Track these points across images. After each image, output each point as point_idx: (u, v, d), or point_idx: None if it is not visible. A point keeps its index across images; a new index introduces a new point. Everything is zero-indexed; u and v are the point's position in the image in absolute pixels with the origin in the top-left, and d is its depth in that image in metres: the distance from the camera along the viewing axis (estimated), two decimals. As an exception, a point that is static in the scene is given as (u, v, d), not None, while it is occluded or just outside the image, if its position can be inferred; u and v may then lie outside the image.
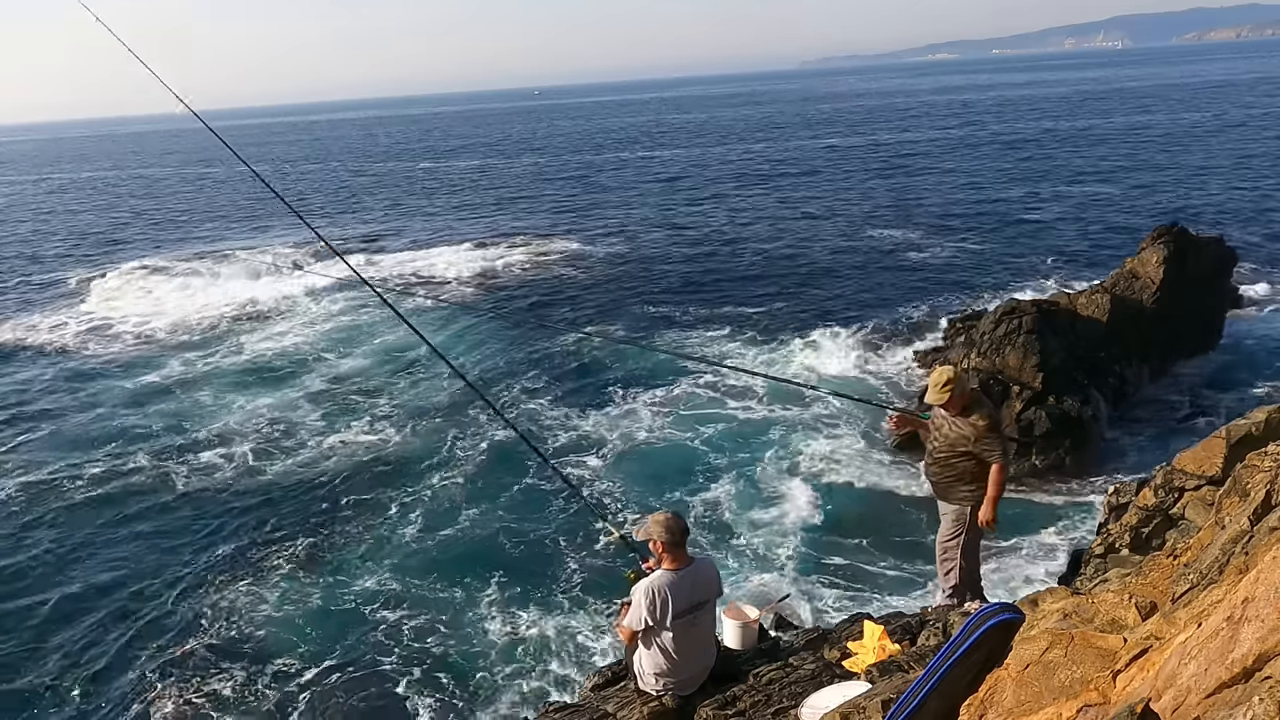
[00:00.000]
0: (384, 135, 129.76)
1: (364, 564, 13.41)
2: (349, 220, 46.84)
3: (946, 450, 6.96)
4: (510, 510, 14.80)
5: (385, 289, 29.57)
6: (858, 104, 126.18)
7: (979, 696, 3.21)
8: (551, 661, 10.94)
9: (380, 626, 11.90)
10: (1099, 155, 52.22)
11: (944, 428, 6.99)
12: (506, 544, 13.73)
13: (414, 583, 12.84)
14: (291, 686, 10.85)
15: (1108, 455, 15.62)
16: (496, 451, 16.85)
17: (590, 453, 16.66)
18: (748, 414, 18.13)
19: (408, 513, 14.89)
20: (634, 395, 19.38)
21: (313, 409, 19.71)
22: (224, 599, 12.64)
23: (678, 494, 15.02)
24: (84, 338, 26.69)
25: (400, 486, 15.82)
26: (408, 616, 12.06)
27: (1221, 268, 20.89)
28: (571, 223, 41.28)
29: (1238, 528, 3.60)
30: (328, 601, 12.49)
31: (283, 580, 13.06)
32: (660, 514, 5.46)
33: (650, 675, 5.52)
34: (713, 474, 15.63)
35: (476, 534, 14.11)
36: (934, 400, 6.91)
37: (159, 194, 66.23)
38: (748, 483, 15.21)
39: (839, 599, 11.84)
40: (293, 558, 13.67)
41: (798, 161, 59.69)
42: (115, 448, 18.09)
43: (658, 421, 17.91)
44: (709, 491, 15.04)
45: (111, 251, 41.63)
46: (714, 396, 19.07)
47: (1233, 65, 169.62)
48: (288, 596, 12.65)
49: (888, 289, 27.04)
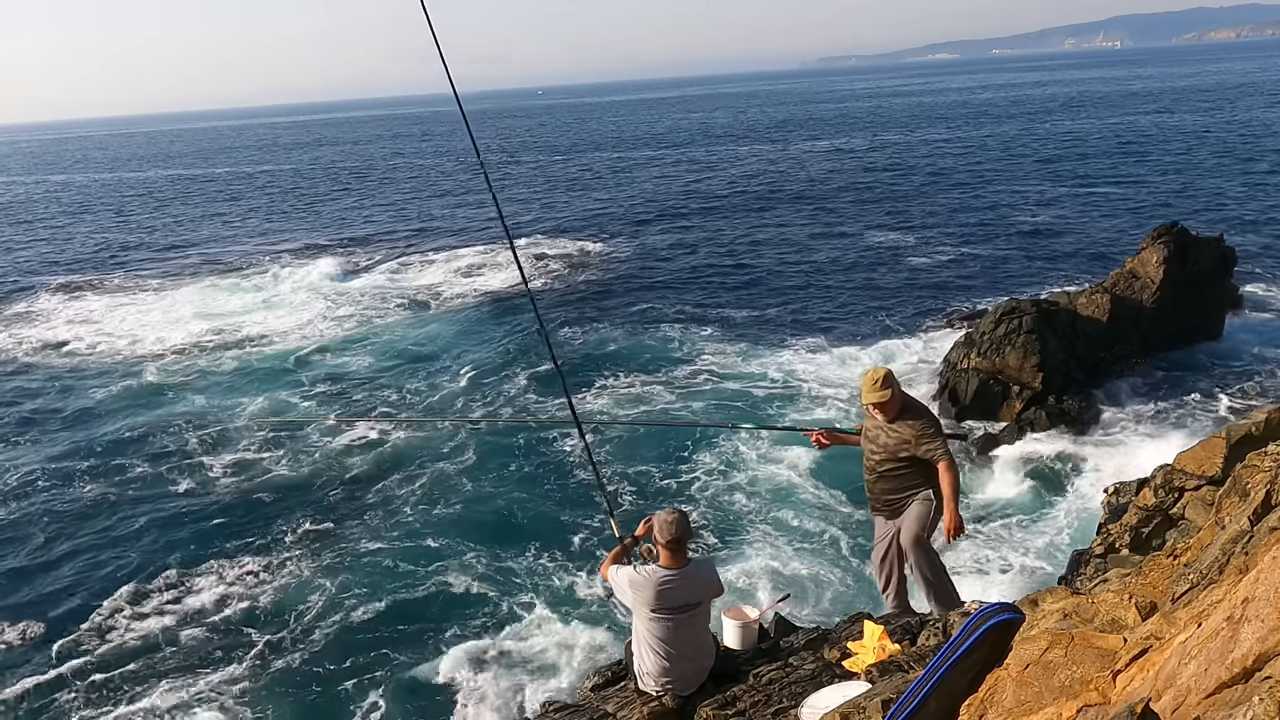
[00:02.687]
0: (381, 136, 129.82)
1: (367, 552, 13.43)
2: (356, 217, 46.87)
3: (890, 462, 6.39)
4: (510, 502, 14.83)
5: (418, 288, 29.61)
6: (857, 104, 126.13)
7: (979, 696, 3.21)
8: (553, 661, 10.96)
9: (380, 617, 11.94)
10: (1099, 155, 52.20)
11: (879, 436, 6.42)
12: (507, 539, 13.75)
13: (416, 571, 12.87)
14: (293, 673, 10.89)
15: (1107, 455, 15.61)
16: (490, 451, 16.87)
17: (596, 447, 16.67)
18: (748, 413, 18.14)
19: (405, 505, 14.91)
20: (635, 389, 19.42)
21: (317, 405, 19.76)
22: (232, 583, 12.67)
23: (676, 493, 15.03)
24: (85, 340, 26.67)
25: (401, 478, 15.86)
26: (407, 609, 12.09)
27: (1221, 268, 20.88)
28: (549, 221, 41.36)
29: (1238, 528, 3.60)
30: (331, 585, 12.50)
31: (281, 569, 13.08)
32: (666, 512, 5.46)
33: (649, 675, 5.52)
34: (714, 474, 15.64)
35: (475, 530, 14.13)
36: (873, 400, 6.31)
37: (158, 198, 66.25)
38: (747, 483, 15.22)
39: (839, 599, 11.84)
40: (293, 546, 13.71)
41: (797, 162, 59.68)
42: (116, 448, 18.10)
43: (656, 415, 17.93)
44: (709, 492, 15.05)
45: (112, 254, 41.67)
46: (714, 391, 19.10)
47: (1235, 65, 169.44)
48: (286, 588, 12.67)
49: (888, 289, 27.04)
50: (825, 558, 12.91)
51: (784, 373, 20.31)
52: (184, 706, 10.54)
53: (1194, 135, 58.76)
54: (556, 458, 16.48)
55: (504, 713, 10.17)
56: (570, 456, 16.42)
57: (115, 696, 10.83)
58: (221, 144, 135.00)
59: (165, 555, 13.91)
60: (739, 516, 14.22)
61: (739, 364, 21.06)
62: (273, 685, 10.88)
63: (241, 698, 10.67)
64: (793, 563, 12.77)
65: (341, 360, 23.17)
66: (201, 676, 11.05)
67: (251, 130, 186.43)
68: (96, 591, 13.05)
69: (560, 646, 11.14)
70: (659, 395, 19.37)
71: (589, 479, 15.42)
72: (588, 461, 6.44)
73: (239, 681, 10.95)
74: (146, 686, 10.92)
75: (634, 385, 19.98)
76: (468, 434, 17.71)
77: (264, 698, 10.67)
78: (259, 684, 10.90)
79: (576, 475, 15.70)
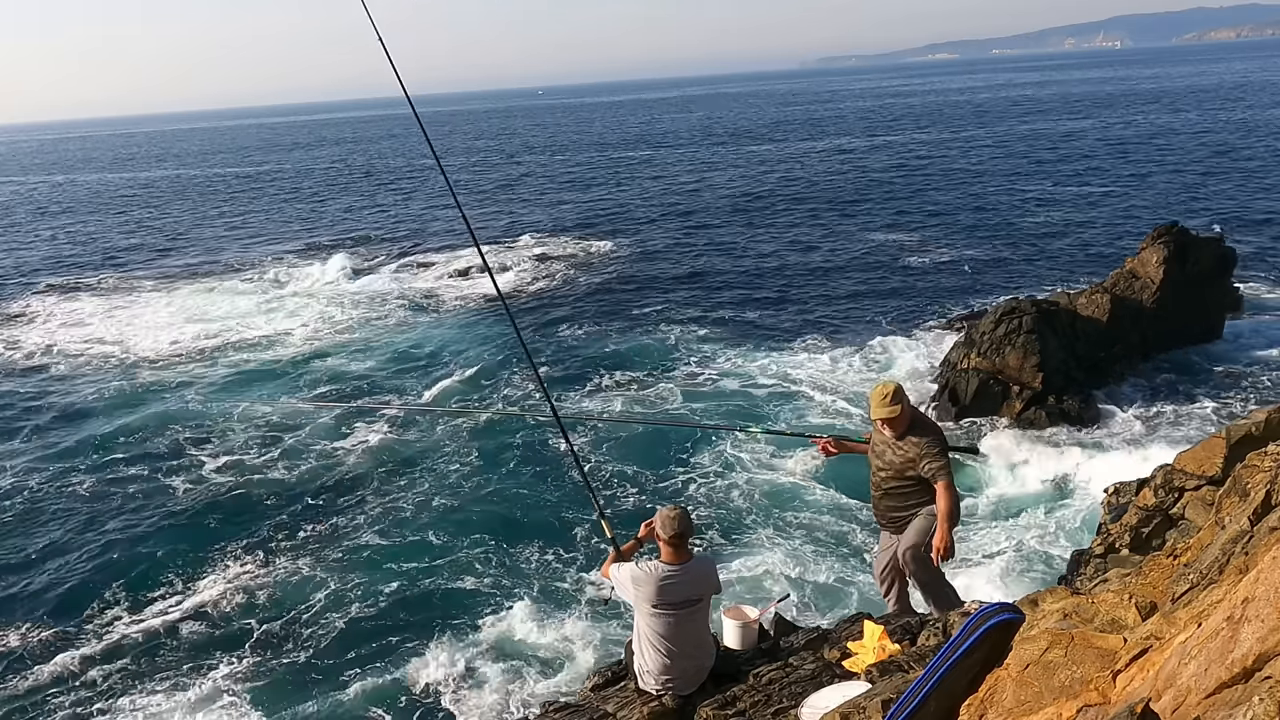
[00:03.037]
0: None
1: (367, 550, 13.44)
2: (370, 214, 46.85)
3: (896, 479, 6.34)
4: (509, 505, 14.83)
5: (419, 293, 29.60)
6: (857, 104, 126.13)
7: (979, 696, 3.21)
8: (551, 661, 10.96)
9: (379, 616, 11.95)
10: (1099, 155, 52.21)
11: (886, 453, 6.36)
12: (505, 542, 13.75)
13: (416, 570, 12.87)
14: (292, 673, 10.89)
15: (1107, 455, 15.61)
16: (485, 454, 16.88)
17: (592, 447, 16.68)
18: (749, 415, 18.15)
19: (405, 504, 14.91)
20: (634, 389, 19.42)
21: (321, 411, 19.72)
22: (231, 581, 12.67)
23: (677, 493, 15.04)
24: (76, 343, 26.64)
25: (400, 479, 15.87)
26: (406, 608, 12.09)
27: (1221, 268, 20.89)
28: (551, 220, 41.37)
29: (1238, 528, 3.60)
30: (331, 585, 12.50)
31: (279, 569, 13.09)
32: (668, 509, 5.49)
33: (650, 673, 5.52)
34: (714, 475, 15.64)
35: (474, 529, 14.13)
36: (882, 415, 6.22)
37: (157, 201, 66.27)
38: (747, 483, 15.22)
39: (839, 599, 11.84)
40: (293, 546, 13.72)
41: (796, 163, 59.68)
42: (112, 448, 18.10)
43: (658, 415, 17.93)
44: (709, 492, 15.05)
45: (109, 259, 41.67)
46: (714, 391, 19.10)
47: (1235, 65, 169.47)
48: (284, 587, 12.67)
49: (888, 289, 27.04)
50: (826, 558, 12.90)
51: (783, 372, 20.31)
52: (184, 705, 10.54)
53: (1194, 135, 58.77)
54: (556, 457, 16.47)
55: (504, 712, 10.17)
56: (569, 456, 16.39)
57: (113, 695, 10.82)
58: (216, 145, 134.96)
59: (162, 555, 13.88)
60: (739, 516, 14.22)
61: (738, 363, 21.06)
62: (272, 684, 10.88)
63: (241, 696, 10.67)
64: (793, 563, 12.77)
65: (338, 363, 23.16)
66: (201, 675, 11.05)
67: (243, 130, 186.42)
68: (93, 592, 13.02)
69: (560, 646, 11.15)
70: (658, 394, 19.37)
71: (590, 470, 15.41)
72: (574, 464, 6.46)
73: (239, 681, 10.94)
74: (145, 686, 10.92)
75: (633, 385, 19.98)
76: (467, 434, 17.71)
77: (263, 696, 10.66)
78: (259, 684, 10.89)
79: (576, 474, 15.67)
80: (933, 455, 6.16)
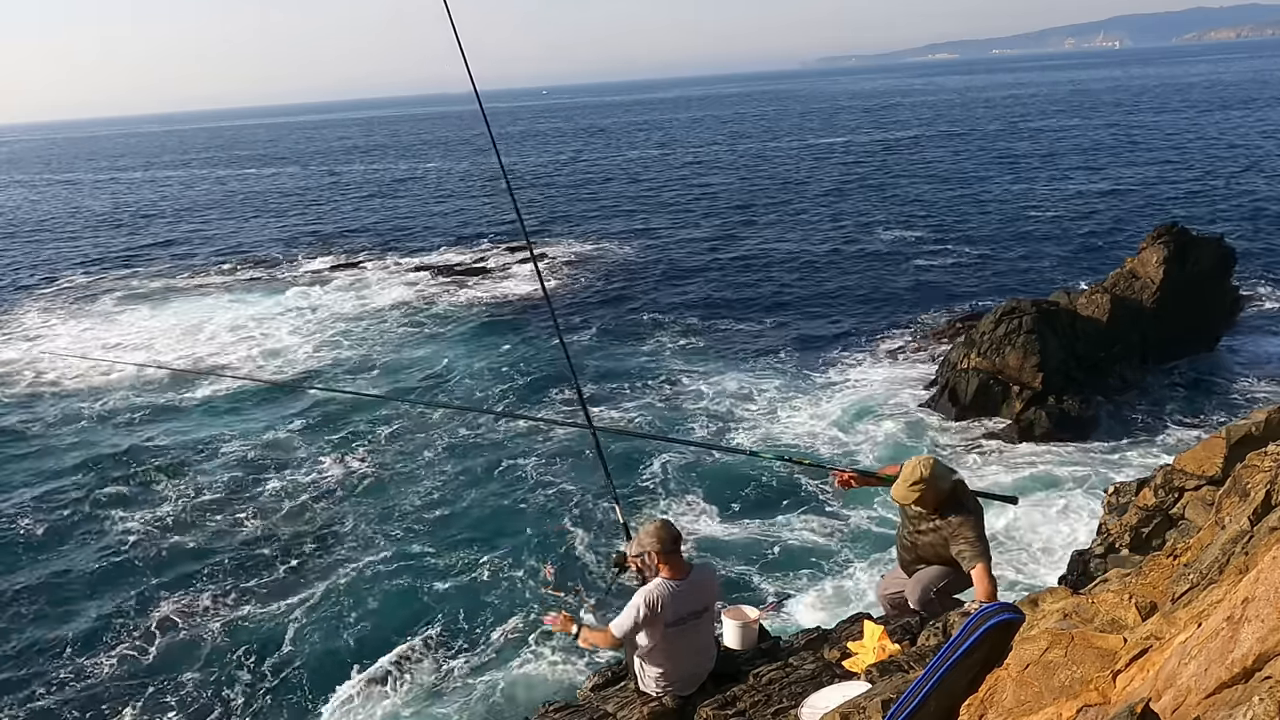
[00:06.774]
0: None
1: (367, 548, 13.44)
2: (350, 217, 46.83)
3: (933, 554, 5.93)
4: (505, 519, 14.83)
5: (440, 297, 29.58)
6: (856, 104, 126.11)
7: (979, 696, 3.21)
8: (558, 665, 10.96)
9: (379, 616, 11.95)
10: (1099, 155, 52.21)
11: (921, 522, 5.91)
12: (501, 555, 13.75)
13: (415, 571, 12.87)
14: (291, 673, 10.90)
15: (1107, 455, 15.61)
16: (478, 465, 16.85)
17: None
18: (748, 413, 18.13)
19: (405, 504, 14.92)
20: (645, 397, 19.41)
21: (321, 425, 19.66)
22: (229, 589, 12.67)
23: (678, 493, 15.03)
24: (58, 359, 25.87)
25: (400, 478, 15.87)
26: (406, 608, 12.10)
27: (1221, 268, 20.88)
28: (551, 226, 41.36)
29: (1238, 528, 3.60)
30: (331, 584, 12.51)
31: (279, 568, 13.08)
32: (650, 524, 5.34)
33: (650, 677, 5.51)
34: (714, 474, 15.63)
35: (474, 531, 14.14)
36: (901, 499, 5.79)
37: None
38: (746, 483, 15.21)
39: (839, 599, 11.84)
40: (292, 545, 13.71)
41: (794, 162, 59.68)
42: (98, 465, 17.67)
43: (672, 431, 17.90)
44: (709, 491, 15.05)
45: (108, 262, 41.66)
46: (714, 395, 19.09)
47: (1235, 65, 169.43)
48: (284, 585, 12.67)
49: (888, 289, 27.04)
50: (826, 558, 12.90)
51: (782, 379, 20.16)
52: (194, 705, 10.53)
53: (1193, 135, 58.77)
54: (558, 463, 16.43)
55: (504, 712, 10.17)
56: (576, 462, 16.30)
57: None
58: (222, 144, 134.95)
59: (147, 574, 13.50)
60: (739, 516, 14.22)
61: (739, 364, 21.06)
62: (272, 684, 10.88)
63: (243, 701, 10.66)
64: (793, 563, 12.77)
65: (342, 362, 23.17)
66: (201, 681, 11.05)
67: (249, 131, 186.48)
68: (76, 613, 12.64)
69: (560, 646, 11.14)
70: (664, 403, 19.26)
71: (593, 485, 15.30)
72: (597, 460, 6.30)
73: (239, 681, 10.94)
74: (130, 707, 10.70)
75: (645, 393, 19.75)
76: (469, 438, 17.72)
77: (265, 699, 10.66)
78: (259, 683, 10.90)
79: (580, 480, 15.63)
80: (968, 541, 5.67)
